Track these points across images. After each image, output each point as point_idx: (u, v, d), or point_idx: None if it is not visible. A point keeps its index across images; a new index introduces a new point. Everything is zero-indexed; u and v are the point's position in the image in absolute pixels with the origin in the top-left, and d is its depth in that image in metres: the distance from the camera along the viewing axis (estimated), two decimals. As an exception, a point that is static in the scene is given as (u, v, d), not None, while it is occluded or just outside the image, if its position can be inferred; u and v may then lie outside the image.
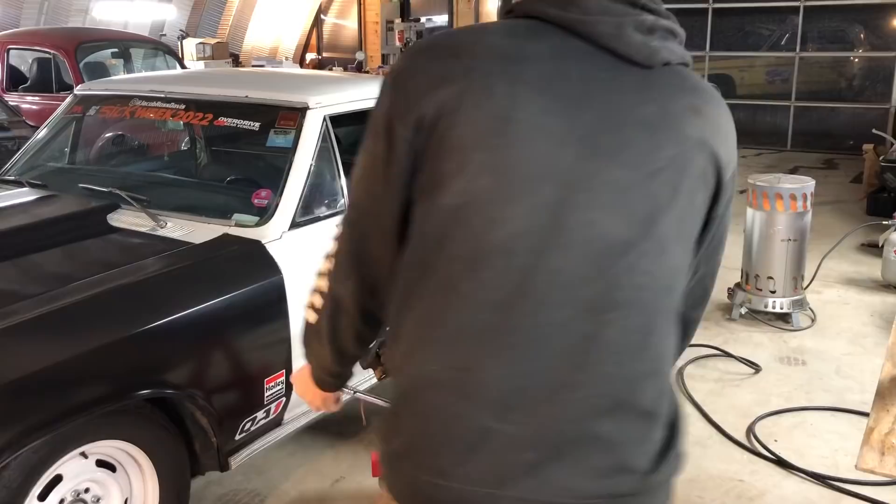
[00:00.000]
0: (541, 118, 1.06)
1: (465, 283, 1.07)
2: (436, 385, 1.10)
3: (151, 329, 2.29)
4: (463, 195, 1.06)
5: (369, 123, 1.18)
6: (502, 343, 1.07)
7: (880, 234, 5.43)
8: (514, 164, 1.05)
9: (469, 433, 1.08)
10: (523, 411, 1.07)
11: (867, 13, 10.75)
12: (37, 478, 2.10)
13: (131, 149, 4.08)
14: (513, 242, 1.06)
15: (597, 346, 1.08)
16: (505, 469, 1.07)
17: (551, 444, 1.07)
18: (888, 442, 1.77)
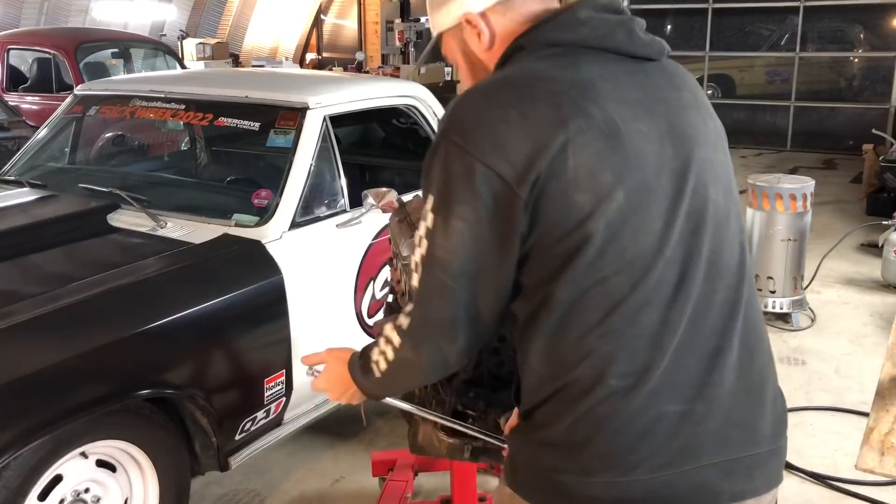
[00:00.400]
0: (634, 125, 1.17)
1: (634, 294, 1.14)
2: (621, 392, 1.15)
3: (151, 329, 2.29)
4: (605, 217, 1.13)
5: (450, 186, 1.15)
6: (674, 332, 1.16)
7: (880, 234, 5.43)
8: (636, 172, 1.15)
9: (662, 425, 1.16)
10: (701, 390, 1.18)
11: (867, 13, 10.75)
12: (37, 478, 2.10)
13: (131, 149, 4.08)
14: (662, 242, 1.15)
15: (741, 314, 1.22)
16: (696, 444, 1.18)
17: (727, 411, 1.21)
18: (888, 442, 1.77)
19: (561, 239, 1.14)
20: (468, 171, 1.14)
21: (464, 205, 1.14)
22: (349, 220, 2.99)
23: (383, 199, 2.93)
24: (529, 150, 1.12)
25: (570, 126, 1.13)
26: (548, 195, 1.12)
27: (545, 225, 1.14)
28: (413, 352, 1.27)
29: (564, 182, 1.12)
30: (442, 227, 1.17)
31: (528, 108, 1.14)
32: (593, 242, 1.13)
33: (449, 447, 1.92)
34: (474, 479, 2.46)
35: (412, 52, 12.58)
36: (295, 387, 2.75)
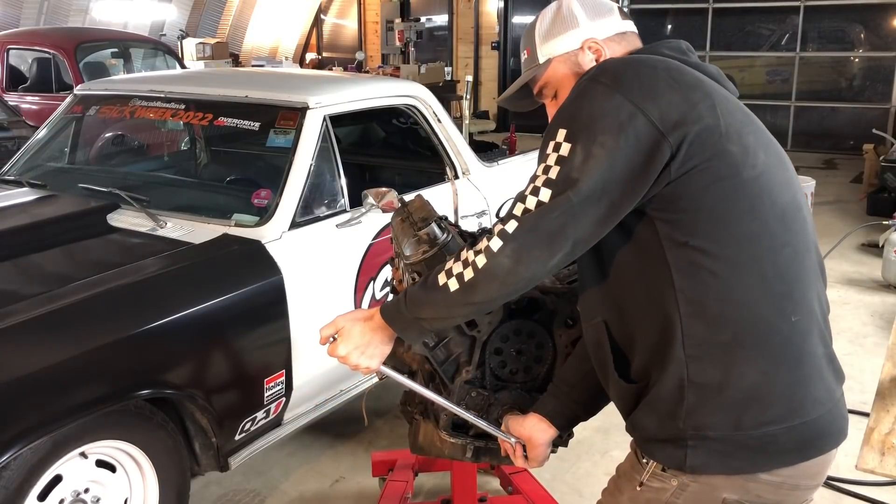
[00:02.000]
0: (749, 116, 1.40)
1: (785, 239, 1.32)
2: (801, 333, 1.34)
3: (151, 329, 2.29)
4: (755, 168, 1.31)
5: (595, 118, 1.28)
6: (811, 278, 1.37)
7: (880, 234, 5.43)
8: (768, 144, 1.38)
9: (815, 367, 1.35)
10: (824, 332, 1.41)
11: (867, 13, 10.75)
12: (36, 478, 2.10)
13: (131, 149, 4.08)
14: (796, 201, 1.37)
15: (820, 272, 1.44)
16: (830, 384, 1.38)
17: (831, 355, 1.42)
18: (888, 442, 1.77)
19: (717, 181, 1.28)
20: (617, 107, 1.27)
21: (607, 135, 1.26)
22: (349, 220, 2.99)
23: (383, 199, 2.93)
24: (681, 102, 1.28)
25: (713, 95, 1.33)
26: (701, 141, 1.27)
27: (697, 168, 1.27)
28: (511, 258, 1.31)
29: (717, 134, 1.29)
30: (582, 152, 1.27)
31: (676, 73, 1.33)
32: (749, 188, 1.30)
33: (451, 447, 1.92)
34: (474, 479, 2.46)
35: (412, 51, 12.58)
36: (295, 387, 2.75)
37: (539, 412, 1.69)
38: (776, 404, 1.30)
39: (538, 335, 1.88)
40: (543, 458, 1.71)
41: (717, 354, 1.29)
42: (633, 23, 1.55)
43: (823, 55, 11.15)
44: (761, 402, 1.29)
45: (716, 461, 1.30)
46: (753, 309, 1.29)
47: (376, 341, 1.54)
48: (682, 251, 1.29)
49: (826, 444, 1.34)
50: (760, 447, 1.29)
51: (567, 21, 1.51)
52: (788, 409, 1.30)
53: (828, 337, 1.42)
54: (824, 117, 11.12)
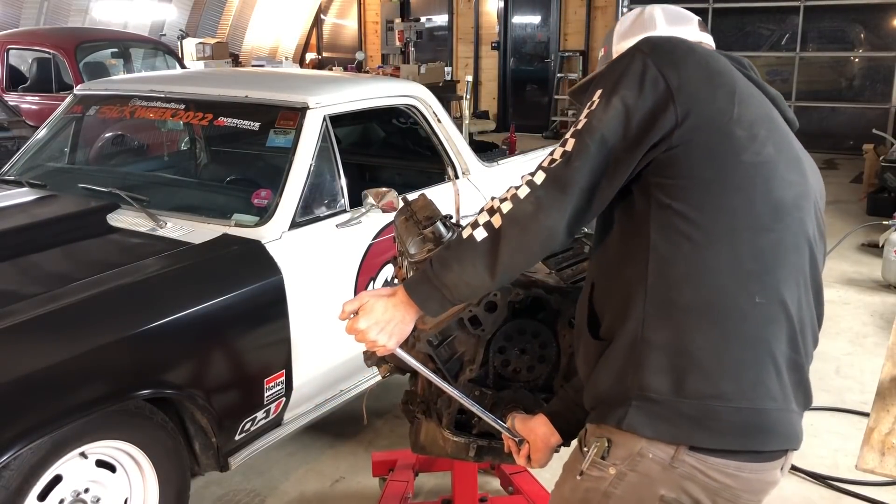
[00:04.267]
0: (775, 114, 1.46)
1: (771, 225, 1.34)
2: (762, 317, 1.33)
3: (151, 329, 2.29)
4: (759, 156, 1.35)
5: (624, 76, 1.36)
6: (789, 276, 1.36)
7: (880, 234, 5.43)
8: (783, 142, 1.41)
9: (771, 358, 1.34)
10: (797, 338, 1.38)
11: (867, 13, 10.74)
12: (37, 478, 2.10)
13: (131, 149, 4.08)
14: (798, 200, 1.39)
15: (811, 284, 1.44)
16: (787, 388, 1.38)
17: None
18: (888, 442, 1.77)
19: (714, 157, 1.33)
20: (643, 69, 1.35)
21: (628, 90, 1.34)
22: (349, 220, 2.99)
23: (383, 199, 2.93)
24: (701, 80, 1.36)
25: (739, 90, 1.39)
26: (709, 117, 1.34)
27: (697, 139, 1.33)
28: (534, 203, 1.36)
29: (727, 118, 1.34)
30: (604, 103, 1.36)
31: (713, 61, 1.41)
32: (743, 170, 1.33)
33: (454, 446, 1.92)
34: (475, 479, 2.46)
35: (412, 51, 12.57)
36: (295, 387, 2.75)
37: (547, 413, 1.71)
38: (722, 380, 1.31)
39: (542, 334, 1.88)
40: (546, 461, 1.71)
41: (674, 316, 1.32)
42: (712, 38, 1.65)
43: (823, 55, 11.15)
44: (706, 372, 1.30)
45: (653, 423, 1.31)
46: (717, 278, 1.32)
47: (397, 318, 1.52)
48: (664, 212, 1.34)
49: (771, 441, 1.34)
50: (699, 419, 1.30)
51: (646, 24, 1.60)
52: (735, 389, 1.31)
53: (801, 346, 1.39)
54: (824, 117, 11.12)
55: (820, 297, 1.46)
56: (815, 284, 1.44)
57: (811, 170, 1.48)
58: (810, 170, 1.47)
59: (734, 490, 1.33)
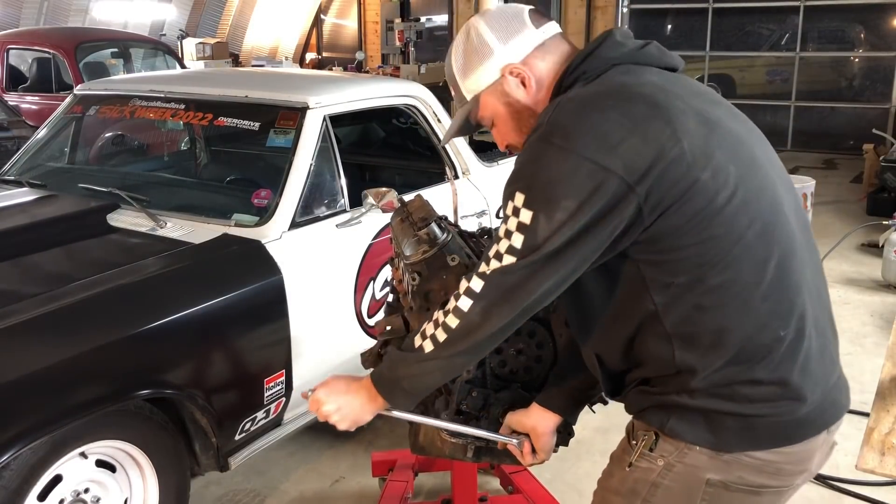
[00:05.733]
0: (713, 110, 1.34)
1: (768, 253, 1.28)
2: (789, 345, 1.30)
3: (151, 329, 2.29)
4: (728, 188, 1.25)
5: (553, 184, 1.23)
6: (799, 283, 1.32)
7: (880, 234, 5.43)
8: (739, 147, 1.32)
9: (806, 362, 1.32)
10: (823, 323, 1.39)
11: (867, 13, 10.74)
12: (37, 478, 2.10)
13: (131, 149, 4.08)
14: (776, 200, 1.32)
15: (813, 266, 1.41)
16: (824, 370, 1.37)
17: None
18: (888, 442, 1.77)
19: (693, 216, 1.24)
20: (575, 169, 1.21)
21: (570, 199, 1.22)
22: (349, 220, 2.99)
23: (383, 199, 2.93)
24: (641, 146, 1.22)
25: (672, 117, 1.25)
26: (670, 180, 1.22)
27: (671, 208, 1.23)
28: (480, 315, 1.32)
29: (685, 165, 1.23)
30: (544, 220, 1.23)
31: (626, 108, 1.25)
32: (727, 211, 1.25)
33: (452, 447, 1.92)
34: (475, 479, 2.46)
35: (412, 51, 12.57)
36: (295, 387, 2.74)
37: (540, 401, 1.71)
38: (756, 403, 1.31)
39: (538, 335, 1.88)
40: (550, 447, 1.72)
41: (713, 377, 1.30)
42: (555, 22, 1.46)
43: (823, 55, 11.15)
44: (742, 399, 1.32)
45: (694, 431, 1.32)
46: (741, 332, 1.28)
47: (356, 406, 1.53)
48: (668, 290, 1.28)
49: (811, 431, 1.34)
50: (739, 429, 1.31)
51: (480, 51, 1.42)
52: (771, 407, 1.31)
53: (827, 326, 1.40)
54: (824, 117, 11.12)
55: (817, 263, 1.43)
56: (814, 259, 1.41)
57: (764, 156, 1.37)
58: (764, 157, 1.37)
59: (777, 464, 1.33)
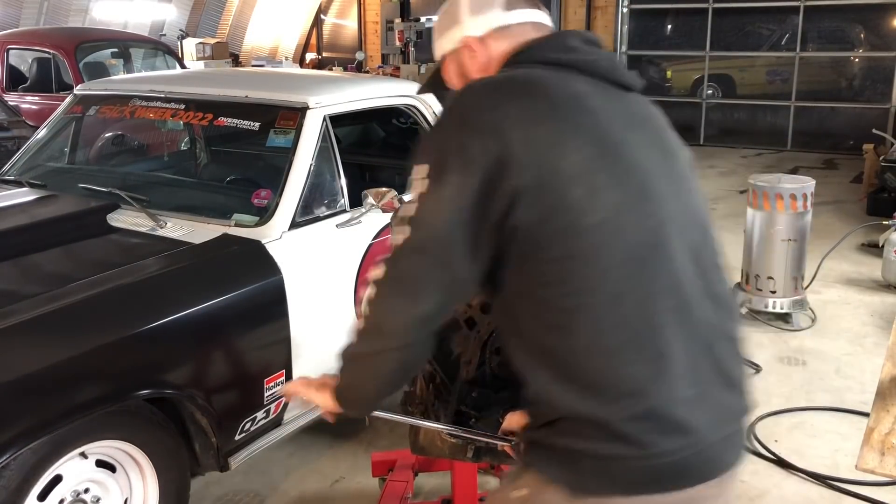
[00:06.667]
0: (626, 134, 1.28)
1: (626, 288, 1.22)
2: (646, 377, 1.22)
3: (151, 329, 2.29)
4: (597, 213, 1.21)
5: (446, 157, 1.24)
6: (661, 323, 1.23)
7: (880, 234, 5.43)
8: (632, 174, 1.26)
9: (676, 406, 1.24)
10: (700, 366, 1.29)
11: (867, 13, 10.75)
12: (37, 478, 2.10)
13: (131, 149, 4.08)
14: (655, 237, 1.25)
15: (722, 304, 1.36)
16: (706, 418, 1.29)
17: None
18: (888, 442, 1.77)
19: (557, 231, 1.20)
20: (464, 146, 1.22)
21: (455, 174, 1.22)
22: (349, 220, 2.99)
23: (383, 199, 2.93)
24: (525, 138, 1.21)
25: (565, 128, 1.23)
26: (544, 186, 1.19)
27: (539, 213, 1.20)
28: (384, 304, 1.32)
29: (563, 176, 1.20)
30: (434, 191, 1.24)
31: (527, 103, 1.25)
32: (593, 234, 1.21)
33: (451, 447, 1.92)
34: (475, 479, 2.46)
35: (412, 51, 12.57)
36: (295, 387, 2.74)
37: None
38: (617, 441, 1.23)
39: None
40: None
41: (568, 410, 1.24)
42: (534, 9, 1.44)
43: (823, 55, 11.15)
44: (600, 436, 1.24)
45: (550, 467, 1.27)
46: (592, 364, 1.22)
47: (318, 402, 1.54)
48: (527, 303, 1.25)
49: (685, 480, 1.24)
50: (597, 472, 1.23)
51: (451, 17, 1.46)
52: (634, 437, 1.22)
53: (714, 377, 1.29)
54: (824, 117, 11.12)
55: (720, 335, 1.32)
56: (712, 327, 1.30)
57: (669, 192, 1.29)
58: (667, 193, 1.28)
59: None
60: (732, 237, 6.27)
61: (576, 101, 1.27)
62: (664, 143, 1.36)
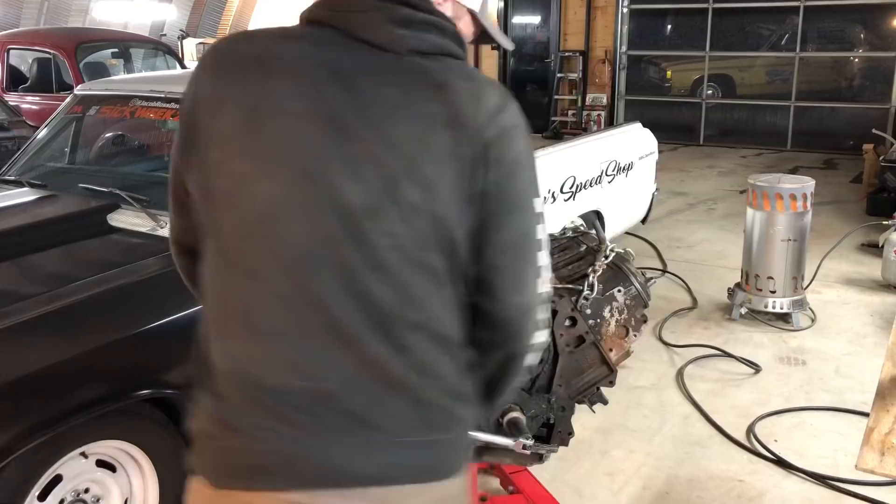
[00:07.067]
0: (287, 103, 1.17)
1: (243, 256, 1.18)
2: (247, 355, 1.22)
3: (151, 329, 2.29)
4: (230, 179, 1.18)
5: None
6: (286, 303, 1.16)
7: (880, 234, 5.43)
8: (267, 146, 1.17)
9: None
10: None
11: (867, 13, 10.74)
12: (37, 478, 2.10)
13: (131, 149, 4.08)
14: (272, 212, 1.16)
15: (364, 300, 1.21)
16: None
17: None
18: (888, 442, 1.77)
19: (196, 185, 1.23)
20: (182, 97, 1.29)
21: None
22: (349, 220, 2.98)
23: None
24: (195, 94, 1.23)
25: (229, 90, 1.19)
26: (196, 142, 1.21)
27: (194, 167, 1.23)
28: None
29: (207, 135, 1.19)
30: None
31: (216, 59, 1.25)
32: (218, 199, 1.19)
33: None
34: (475, 479, 2.46)
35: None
36: (295, 387, 2.74)
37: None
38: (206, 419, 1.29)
39: (538, 335, 1.88)
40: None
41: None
42: None
43: (823, 55, 11.15)
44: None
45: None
46: (203, 327, 1.30)
47: None
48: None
49: (233, 479, 1.19)
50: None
51: None
52: (206, 420, 1.29)
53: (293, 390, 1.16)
54: (824, 117, 11.12)
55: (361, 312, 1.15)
56: (321, 333, 1.15)
57: (319, 174, 1.16)
58: (315, 175, 1.16)
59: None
60: (732, 237, 6.28)
61: (258, 62, 1.20)
62: (344, 119, 1.17)
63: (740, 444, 3.36)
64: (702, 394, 3.80)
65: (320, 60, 1.19)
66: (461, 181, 1.17)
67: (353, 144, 1.16)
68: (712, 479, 3.12)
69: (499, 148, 1.20)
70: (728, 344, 4.37)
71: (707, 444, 3.38)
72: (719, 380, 3.98)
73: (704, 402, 3.71)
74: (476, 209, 1.19)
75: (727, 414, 3.60)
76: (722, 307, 4.91)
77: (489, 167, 1.19)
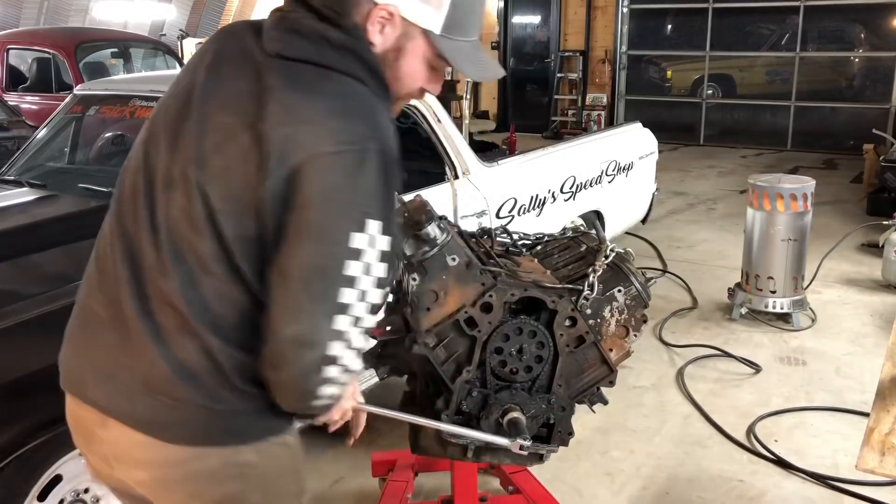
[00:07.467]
0: (181, 76, 1.35)
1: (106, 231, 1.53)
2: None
3: (151, 329, 2.28)
4: (128, 162, 1.43)
5: None
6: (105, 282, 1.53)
7: (880, 234, 5.43)
8: (148, 138, 1.36)
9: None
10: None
11: (867, 13, 10.75)
12: (37, 478, 2.10)
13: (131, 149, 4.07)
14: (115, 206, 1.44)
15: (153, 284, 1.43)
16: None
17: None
18: (888, 442, 1.77)
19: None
20: None
21: None
22: (349, 220, 2.98)
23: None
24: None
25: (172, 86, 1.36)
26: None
27: None
28: None
29: (149, 126, 1.38)
30: None
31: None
32: (124, 171, 1.43)
33: (451, 447, 1.92)
34: (475, 479, 2.46)
35: (412, 51, 12.57)
36: (295, 387, 2.74)
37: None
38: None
39: (539, 334, 1.88)
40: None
41: None
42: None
43: (823, 55, 11.16)
44: None
45: None
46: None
47: None
48: None
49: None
50: None
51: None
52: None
53: (106, 321, 1.50)
54: (824, 117, 11.12)
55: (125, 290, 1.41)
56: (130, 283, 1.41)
57: (184, 152, 1.26)
58: (186, 152, 1.26)
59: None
60: (732, 237, 6.28)
61: (194, 61, 1.34)
62: (189, 99, 1.28)
63: (740, 444, 3.36)
64: (702, 394, 3.80)
65: (230, 48, 1.30)
66: (251, 198, 1.19)
67: (184, 122, 1.27)
68: (712, 479, 3.12)
69: (301, 175, 1.17)
70: (728, 344, 4.37)
71: (707, 444, 3.38)
72: (719, 380, 3.98)
73: (704, 402, 3.71)
74: (259, 224, 1.20)
75: (727, 414, 3.60)
76: (722, 307, 4.91)
77: (275, 196, 1.18)
